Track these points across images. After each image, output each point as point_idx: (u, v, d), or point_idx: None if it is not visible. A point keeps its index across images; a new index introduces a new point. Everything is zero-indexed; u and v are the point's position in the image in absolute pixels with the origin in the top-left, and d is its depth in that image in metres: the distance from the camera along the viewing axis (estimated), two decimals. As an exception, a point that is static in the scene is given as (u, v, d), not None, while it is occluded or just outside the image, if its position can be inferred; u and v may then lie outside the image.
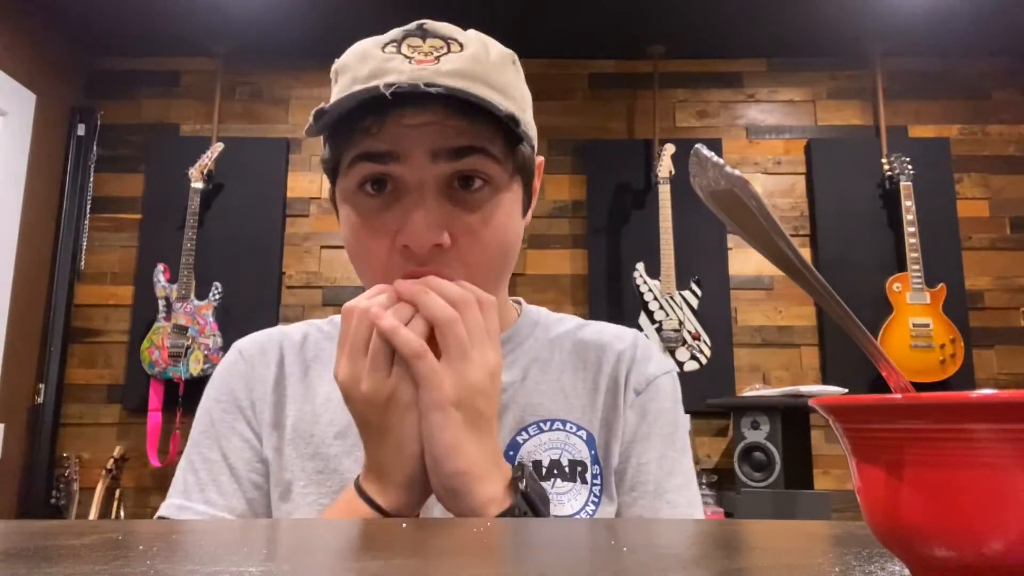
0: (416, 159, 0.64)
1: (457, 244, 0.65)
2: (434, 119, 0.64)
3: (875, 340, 0.31)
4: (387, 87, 0.61)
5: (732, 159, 3.26)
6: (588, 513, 0.72)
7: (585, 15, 3.04)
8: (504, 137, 0.67)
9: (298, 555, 0.37)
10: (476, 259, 0.66)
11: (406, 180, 0.65)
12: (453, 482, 0.59)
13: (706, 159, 0.35)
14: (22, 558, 0.34)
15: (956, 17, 3.05)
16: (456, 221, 0.65)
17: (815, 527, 0.52)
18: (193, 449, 0.77)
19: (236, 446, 0.76)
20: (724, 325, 3.09)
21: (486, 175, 0.66)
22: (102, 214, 3.24)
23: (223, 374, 0.80)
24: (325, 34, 3.15)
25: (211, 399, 0.79)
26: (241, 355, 0.81)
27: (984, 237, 3.20)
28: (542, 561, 0.37)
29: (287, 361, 0.80)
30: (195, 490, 0.75)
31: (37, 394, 3.03)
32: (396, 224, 0.65)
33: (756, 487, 2.50)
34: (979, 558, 0.25)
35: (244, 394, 0.78)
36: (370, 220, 0.66)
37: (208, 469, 0.75)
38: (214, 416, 0.78)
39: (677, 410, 0.80)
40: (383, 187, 0.66)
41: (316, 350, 0.80)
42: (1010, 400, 0.23)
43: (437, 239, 0.63)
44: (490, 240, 0.67)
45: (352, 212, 0.68)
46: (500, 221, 0.67)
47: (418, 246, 0.63)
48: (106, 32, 3.21)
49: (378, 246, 0.66)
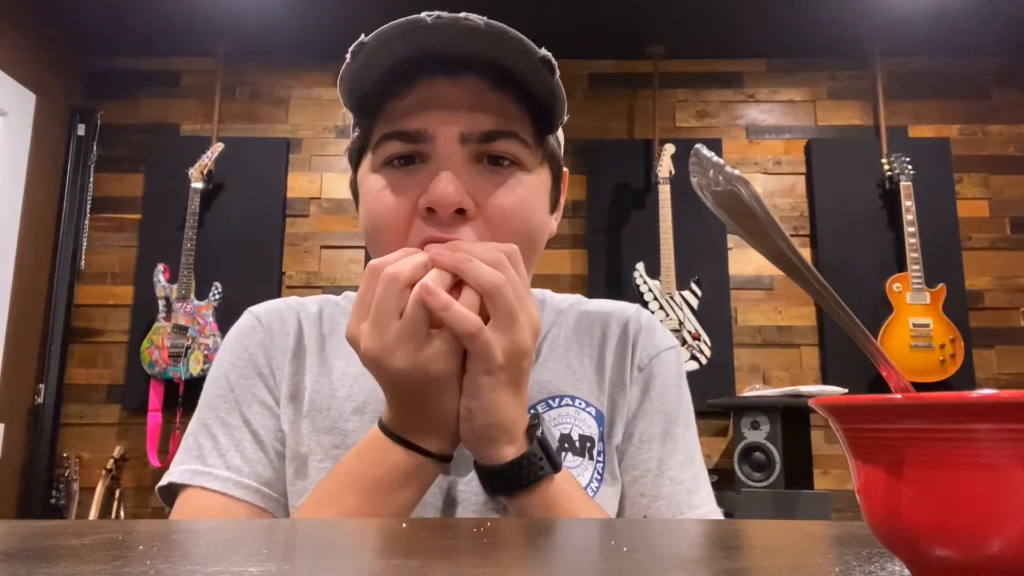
0: (446, 140, 0.63)
1: (481, 213, 0.63)
2: (465, 94, 0.64)
3: (875, 340, 0.31)
4: (428, 15, 0.60)
5: (732, 159, 3.26)
6: (591, 491, 0.71)
7: (585, 15, 3.04)
8: (533, 122, 0.67)
9: (298, 555, 0.37)
10: (500, 232, 0.64)
11: (434, 156, 0.64)
12: (487, 433, 0.60)
13: (706, 159, 0.35)
14: (22, 558, 0.34)
15: (956, 17, 3.05)
16: (481, 190, 0.64)
17: (815, 527, 0.52)
18: (209, 413, 0.73)
19: (258, 412, 0.73)
20: (724, 325, 3.09)
21: (515, 157, 0.66)
22: (102, 214, 3.24)
23: (239, 338, 0.76)
24: (325, 34, 3.15)
25: (227, 363, 0.75)
26: (259, 321, 0.77)
27: (984, 237, 3.20)
28: (542, 561, 0.37)
29: (305, 332, 0.77)
30: (213, 454, 0.70)
31: (37, 394, 3.03)
32: (420, 188, 0.63)
33: (756, 487, 2.50)
34: (979, 558, 0.25)
35: (264, 361, 0.75)
36: (394, 185, 0.65)
37: (229, 434, 0.71)
38: (232, 380, 0.74)
39: (681, 385, 0.79)
40: (411, 162, 0.65)
41: (332, 324, 0.78)
42: (1010, 400, 0.23)
43: (461, 201, 0.61)
44: (515, 213, 0.65)
45: (377, 181, 0.66)
46: (526, 197, 0.66)
47: (442, 206, 0.61)
48: (106, 32, 3.21)
49: (400, 209, 0.64)
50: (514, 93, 0.65)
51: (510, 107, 0.65)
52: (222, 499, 0.69)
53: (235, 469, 0.70)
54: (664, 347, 0.80)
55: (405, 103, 0.64)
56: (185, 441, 0.73)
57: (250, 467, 0.70)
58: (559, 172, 0.74)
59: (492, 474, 0.61)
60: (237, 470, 0.70)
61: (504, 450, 0.60)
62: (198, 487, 0.69)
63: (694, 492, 0.74)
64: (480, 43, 0.62)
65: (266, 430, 0.72)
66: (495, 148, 0.64)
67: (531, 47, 0.62)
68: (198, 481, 0.69)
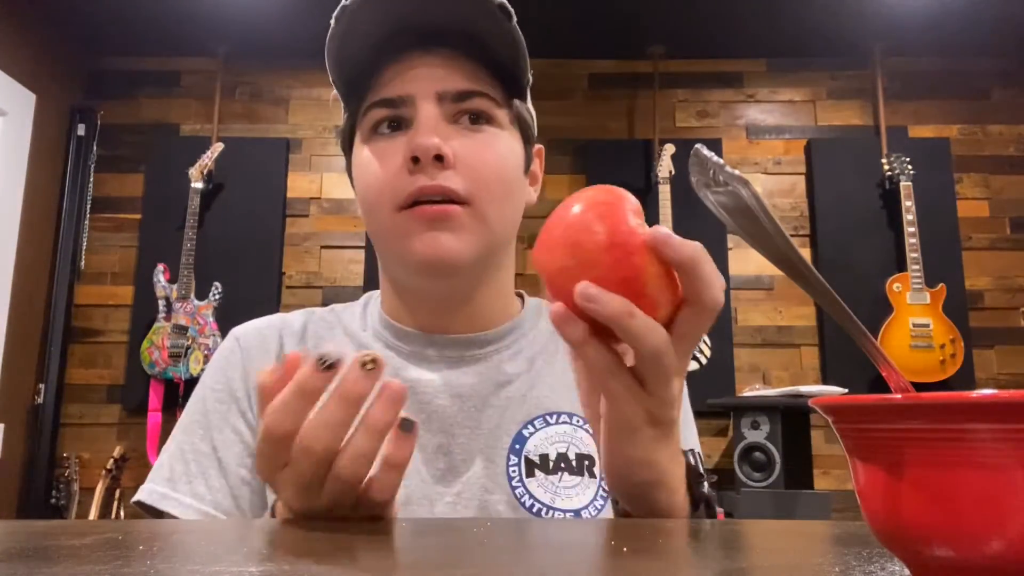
0: (424, 100, 0.70)
1: (461, 162, 0.69)
2: (440, 60, 0.71)
3: (875, 340, 0.31)
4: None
5: (732, 159, 3.26)
6: (597, 508, 0.71)
7: (585, 15, 3.04)
8: (504, 87, 0.73)
9: (298, 555, 0.37)
10: (479, 179, 0.69)
11: (416, 117, 0.70)
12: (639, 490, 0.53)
13: (706, 159, 0.35)
14: (22, 558, 0.34)
15: (956, 17, 3.05)
16: (458, 140, 0.70)
17: (815, 527, 0.52)
18: (184, 437, 0.76)
19: (228, 439, 0.75)
20: (724, 325, 3.09)
21: (488, 115, 0.72)
22: (102, 214, 3.24)
23: (219, 362, 0.79)
24: (325, 34, 3.15)
25: (207, 387, 0.77)
26: (239, 343, 0.79)
27: (984, 237, 3.20)
28: (542, 561, 0.37)
29: (286, 350, 0.78)
30: (182, 480, 0.74)
31: (37, 394, 3.03)
32: (404, 147, 0.69)
33: (756, 487, 2.50)
34: (979, 558, 0.25)
35: (240, 384, 0.77)
36: (382, 150, 0.71)
37: (198, 461, 0.74)
38: (208, 406, 0.76)
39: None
40: (397, 129, 0.71)
41: (316, 340, 0.79)
42: (1010, 400, 0.23)
43: (439, 147, 0.67)
44: (491, 162, 0.71)
45: (367, 152, 0.72)
46: (501, 150, 0.72)
47: (423, 150, 0.67)
48: (106, 32, 3.21)
49: (389, 170, 0.70)
50: (484, 60, 0.72)
51: (481, 72, 0.72)
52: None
53: (198, 497, 0.73)
54: None
55: (386, 75, 0.71)
56: (160, 459, 0.76)
57: (212, 495, 0.73)
58: (530, 138, 0.78)
59: None
60: (200, 498, 0.73)
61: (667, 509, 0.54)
62: (165, 512, 0.72)
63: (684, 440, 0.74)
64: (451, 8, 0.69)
65: (233, 456, 0.74)
66: (469, 106, 0.71)
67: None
68: (165, 506, 0.72)
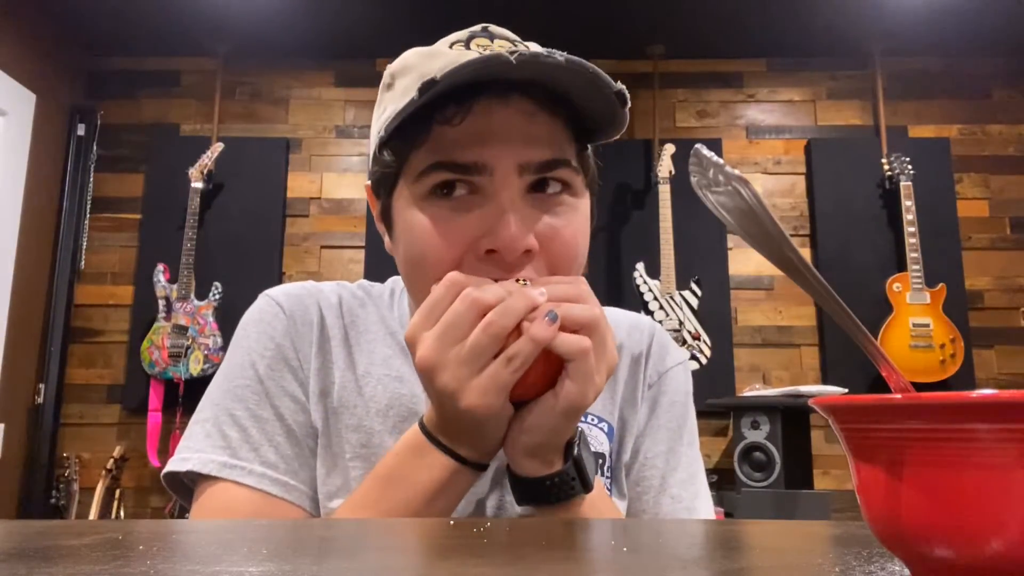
0: (505, 174, 0.60)
1: (543, 248, 0.61)
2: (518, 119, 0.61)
3: (875, 340, 0.31)
4: (511, 53, 0.56)
5: (732, 159, 3.26)
6: None
7: (585, 15, 3.04)
8: (577, 146, 0.65)
9: (298, 555, 0.37)
10: (559, 265, 0.62)
11: (492, 191, 0.60)
12: (537, 451, 0.59)
13: (706, 159, 0.35)
14: (22, 558, 0.34)
15: (956, 17, 3.05)
16: (540, 222, 0.61)
17: (815, 527, 0.52)
18: (235, 403, 0.68)
19: (290, 407, 0.69)
20: (724, 325, 3.09)
21: (566, 182, 0.63)
22: (102, 214, 3.24)
23: (263, 325, 0.72)
24: (325, 34, 3.15)
25: (254, 352, 0.70)
26: (281, 308, 0.73)
27: (984, 237, 3.20)
28: (542, 561, 0.37)
29: (327, 323, 0.73)
30: (244, 447, 0.66)
31: (37, 394, 3.03)
32: (476, 229, 0.60)
33: (756, 487, 2.50)
34: (979, 558, 0.25)
35: (292, 353, 0.71)
36: (443, 225, 0.60)
37: (260, 428, 0.67)
38: (261, 372, 0.69)
39: (687, 403, 0.80)
40: (453, 190, 0.61)
41: (352, 316, 0.75)
42: (1010, 400, 0.23)
43: (529, 244, 0.59)
44: (571, 243, 0.63)
45: (421, 215, 0.61)
46: (580, 225, 0.64)
47: (510, 251, 0.59)
48: (106, 32, 3.21)
49: (451, 248, 0.60)
50: (562, 113, 0.63)
51: (560, 130, 0.63)
52: (256, 496, 0.66)
53: (270, 465, 0.66)
54: (673, 364, 0.80)
55: (457, 131, 0.60)
56: (202, 428, 0.68)
57: (286, 463, 0.67)
58: (595, 191, 0.70)
59: (524, 485, 0.61)
60: (272, 466, 0.66)
61: (542, 466, 0.60)
62: (230, 481, 0.65)
63: (693, 511, 0.75)
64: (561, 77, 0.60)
65: (299, 426, 0.69)
66: (551, 175, 0.62)
67: (608, 81, 0.62)
68: (230, 475, 0.65)
